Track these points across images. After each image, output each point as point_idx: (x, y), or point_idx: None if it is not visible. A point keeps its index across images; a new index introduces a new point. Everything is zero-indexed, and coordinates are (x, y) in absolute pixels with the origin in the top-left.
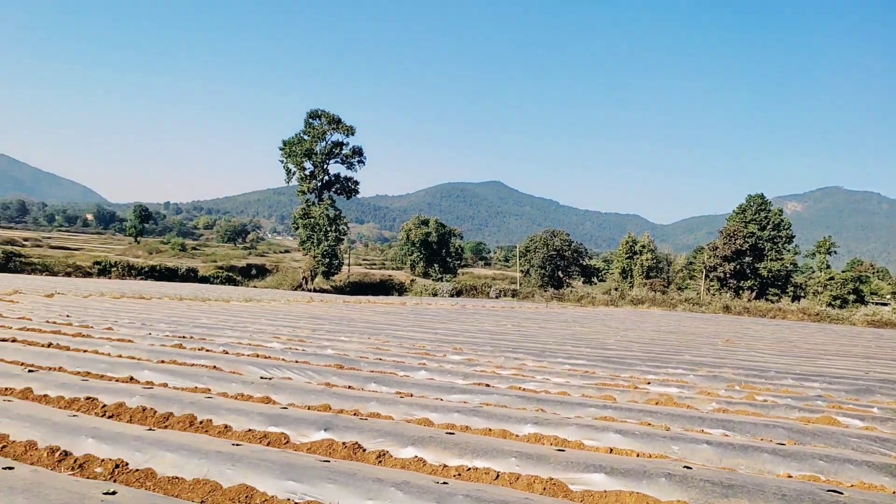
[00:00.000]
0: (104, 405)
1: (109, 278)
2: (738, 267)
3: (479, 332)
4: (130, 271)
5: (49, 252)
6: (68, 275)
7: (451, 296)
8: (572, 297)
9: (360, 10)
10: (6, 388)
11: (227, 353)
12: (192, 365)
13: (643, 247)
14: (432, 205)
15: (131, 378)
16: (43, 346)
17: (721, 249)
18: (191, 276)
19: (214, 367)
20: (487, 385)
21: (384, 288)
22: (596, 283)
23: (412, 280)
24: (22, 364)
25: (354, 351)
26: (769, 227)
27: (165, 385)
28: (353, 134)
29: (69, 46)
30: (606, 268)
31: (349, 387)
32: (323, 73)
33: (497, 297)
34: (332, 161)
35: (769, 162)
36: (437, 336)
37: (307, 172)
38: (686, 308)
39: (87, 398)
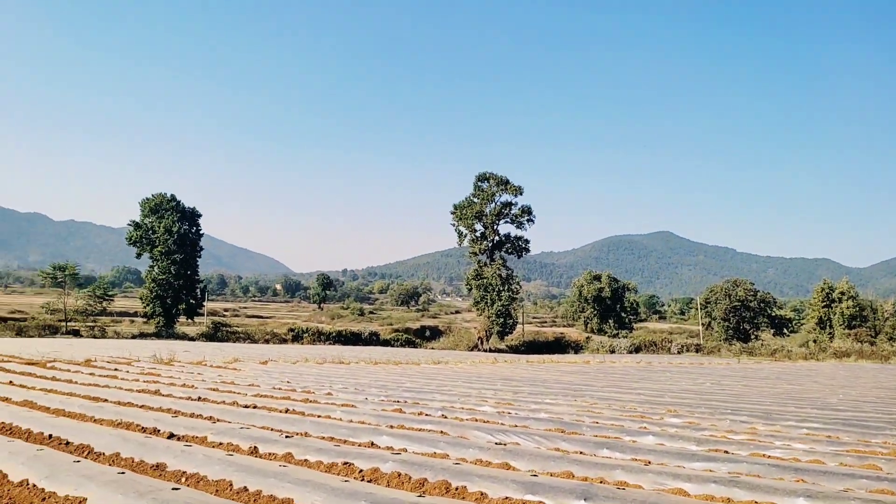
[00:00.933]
0: (361, 470)
1: (302, 343)
2: None
3: (682, 391)
4: (320, 336)
5: (246, 321)
6: (267, 341)
7: (630, 352)
8: (764, 350)
9: (515, 76)
10: (270, 454)
11: (445, 417)
12: (421, 430)
13: (842, 293)
14: (599, 259)
15: (372, 443)
16: (281, 411)
17: None
18: (373, 339)
19: (441, 431)
20: (726, 452)
21: (559, 346)
22: (787, 335)
23: (587, 337)
24: (271, 429)
25: (567, 414)
26: None
27: (405, 450)
28: (521, 194)
29: (248, 142)
30: (797, 318)
31: (581, 452)
32: (480, 135)
33: (679, 353)
34: (501, 221)
35: None
36: (642, 397)
37: (478, 234)
38: None
39: (344, 463)
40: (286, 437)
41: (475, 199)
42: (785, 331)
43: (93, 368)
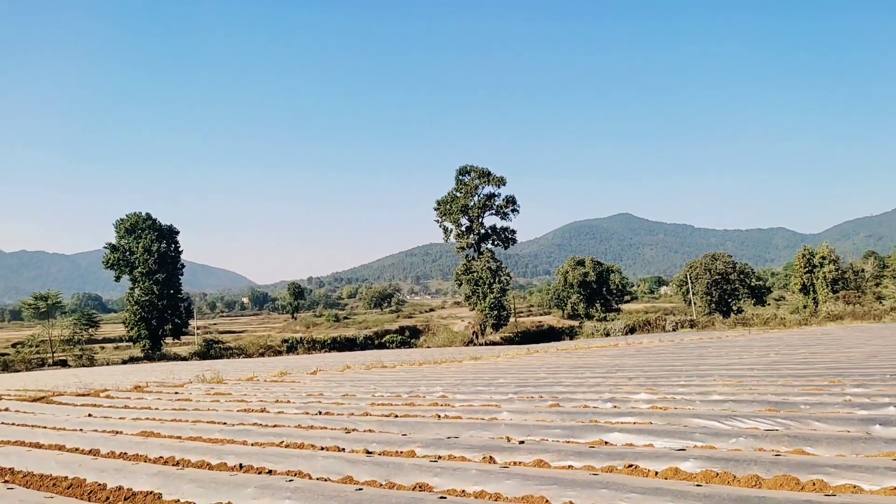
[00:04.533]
0: (656, 472)
1: (297, 354)
2: None
3: (776, 363)
4: (315, 345)
5: (220, 337)
6: (262, 355)
7: (624, 334)
8: (757, 321)
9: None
10: (540, 461)
11: (656, 408)
12: (637, 423)
13: (823, 258)
14: (562, 246)
15: (605, 441)
16: (451, 418)
17: None
18: (369, 343)
19: (650, 422)
20: None
21: (554, 334)
22: (769, 304)
23: (580, 324)
24: (502, 437)
25: (734, 395)
26: None
27: (651, 446)
28: (504, 184)
29: (194, 156)
30: (771, 285)
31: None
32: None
33: (675, 330)
34: (486, 214)
35: None
36: (759, 371)
37: (463, 228)
38: (895, 318)
39: (628, 466)
40: (520, 442)
41: (458, 194)
42: (765, 299)
43: (159, 394)
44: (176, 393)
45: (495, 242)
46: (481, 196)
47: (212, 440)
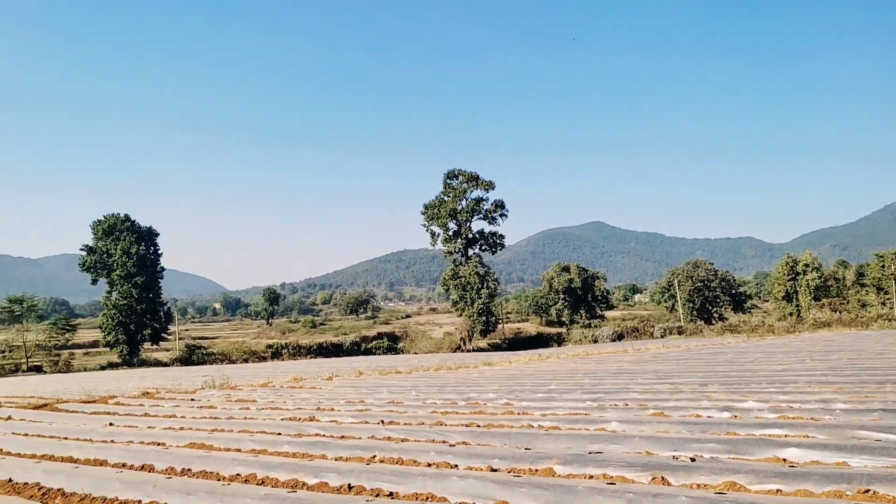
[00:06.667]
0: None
1: (282, 360)
2: None
3: (823, 369)
4: (300, 351)
5: (193, 342)
6: (245, 360)
7: (612, 340)
8: (745, 328)
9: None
10: (700, 485)
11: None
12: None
13: (807, 265)
14: (535, 253)
15: (784, 459)
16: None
17: None
18: (355, 349)
19: (811, 436)
20: None
21: (541, 341)
22: (750, 311)
23: (567, 330)
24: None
25: (830, 401)
26: None
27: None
28: (492, 188)
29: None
30: (749, 293)
31: None
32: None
33: (663, 336)
34: (474, 218)
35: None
36: (817, 376)
37: (451, 233)
38: (883, 325)
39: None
40: (691, 459)
41: (446, 197)
42: (745, 307)
43: (175, 402)
44: (192, 400)
45: (483, 247)
46: (469, 200)
47: (282, 453)
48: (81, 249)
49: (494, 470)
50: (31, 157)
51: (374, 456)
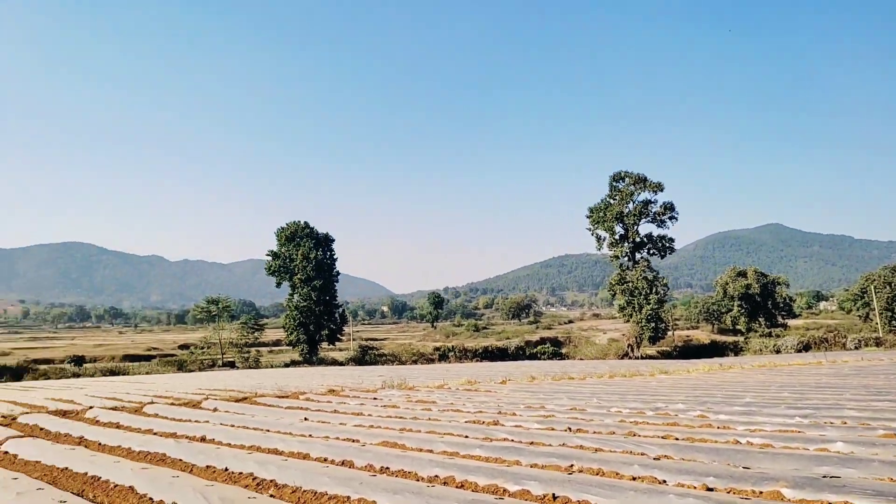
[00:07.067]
0: None
1: (449, 362)
2: None
3: None
4: (466, 354)
5: (365, 343)
6: (414, 362)
7: (797, 351)
8: None
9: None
10: None
11: None
12: None
13: None
14: (704, 258)
15: None
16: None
17: None
18: (520, 354)
19: None
20: None
21: (716, 349)
22: None
23: (745, 339)
24: None
25: None
26: None
27: None
28: (661, 190)
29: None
30: None
31: None
32: (581, 139)
33: (857, 348)
34: (642, 221)
35: None
36: None
37: (617, 237)
38: None
39: None
40: None
41: (612, 200)
42: None
43: (359, 399)
44: (375, 399)
45: (651, 251)
46: (637, 203)
47: (474, 456)
48: (267, 255)
49: (710, 489)
50: (223, 175)
51: (572, 465)
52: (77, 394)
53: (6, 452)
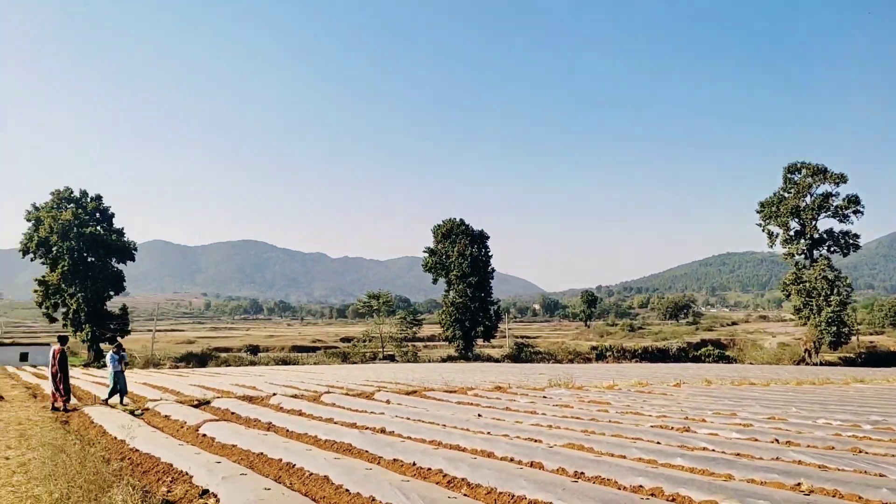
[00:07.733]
0: None
1: (607, 362)
2: None
3: None
4: (625, 354)
5: (520, 340)
6: (571, 361)
7: None
8: None
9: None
10: None
11: None
12: None
13: None
14: (889, 256)
15: None
16: None
17: None
18: (682, 355)
19: None
20: None
21: None
22: None
23: None
24: None
25: None
26: None
27: None
28: (844, 182)
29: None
30: None
31: None
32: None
33: None
34: (821, 216)
35: None
36: None
37: (792, 233)
38: None
39: None
40: None
41: (786, 194)
42: None
43: (528, 398)
44: (544, 398)
45: (832, 248)
46: (815, 196)
47: (676, 466)
48: (424, 252)
49: None
50: (381, 173)
51: (799, 484)
52: (258, 381)
53: (204, 435)
